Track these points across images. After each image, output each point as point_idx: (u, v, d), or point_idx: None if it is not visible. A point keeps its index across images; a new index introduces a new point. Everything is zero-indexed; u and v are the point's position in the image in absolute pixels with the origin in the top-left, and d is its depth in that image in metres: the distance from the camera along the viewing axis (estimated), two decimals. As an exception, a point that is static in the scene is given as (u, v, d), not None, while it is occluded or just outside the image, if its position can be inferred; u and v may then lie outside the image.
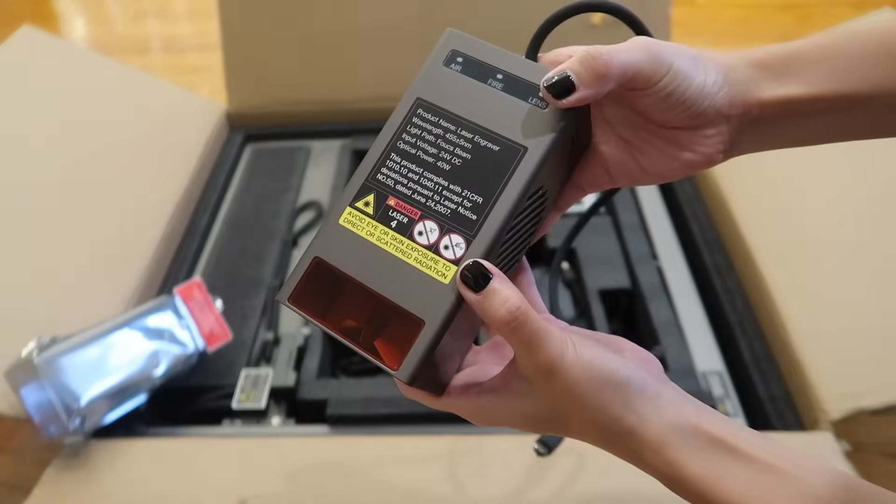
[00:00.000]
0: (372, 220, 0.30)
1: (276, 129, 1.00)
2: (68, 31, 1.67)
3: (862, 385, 0.55)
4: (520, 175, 0.29)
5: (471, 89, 0.31)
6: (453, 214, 0.29)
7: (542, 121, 0.30)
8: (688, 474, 0.27)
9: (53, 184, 0.74)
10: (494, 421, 0.30)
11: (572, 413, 0.28)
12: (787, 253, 0.68)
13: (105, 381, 0.55)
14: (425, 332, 0.28)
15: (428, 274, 0.28)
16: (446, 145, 0.30)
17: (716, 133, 0.31)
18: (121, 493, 0.53)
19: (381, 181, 0.31)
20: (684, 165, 0.31)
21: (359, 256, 0.30)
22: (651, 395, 0.28)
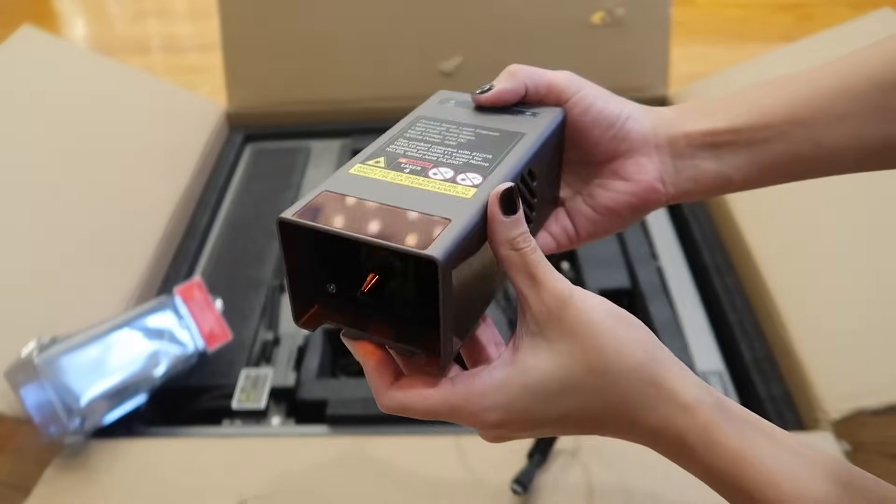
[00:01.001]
0: (384, 169, 0.30)
1: (276, 129, 1.00)
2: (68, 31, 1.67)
3: (862, 385, 0.55)
4: (522, 146, 0.32)
5: (467, 112, 0.35)
6: (465, 164, 0.30)
7: (534, 122, 0.34)
8: (724, 441, 0.26)
9: (53, 183, 0.74)
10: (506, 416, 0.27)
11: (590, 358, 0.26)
12: (787, 253, 0.68)
13: (105, 381, 0.55)
14: (452, 225, 0.26)
15: (448, 193, 0.28)
16: (450, 134, 0.33)
17: (648, 161, 0.34)
18: (121, 493, 0.53)
19: (391, 150, 0.31)
20: (629, 196, 0.34)
21: (373, 189, 0.28)
22: (670, 354, 0.27)
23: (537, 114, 0.34)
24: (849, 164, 0.33)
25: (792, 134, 0.32)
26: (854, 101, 0.31)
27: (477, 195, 0.28)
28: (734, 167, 0.33)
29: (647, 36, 0.92)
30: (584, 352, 0.26)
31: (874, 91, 0.31)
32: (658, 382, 0.26)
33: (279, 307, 0.73)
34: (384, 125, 0.33)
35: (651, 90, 0.95)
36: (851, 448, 0.54)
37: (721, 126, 0.33)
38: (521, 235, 0.27)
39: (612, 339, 0.26)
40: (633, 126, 0.34)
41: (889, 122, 0.31)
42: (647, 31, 0.92)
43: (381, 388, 0.29)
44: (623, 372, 0.26)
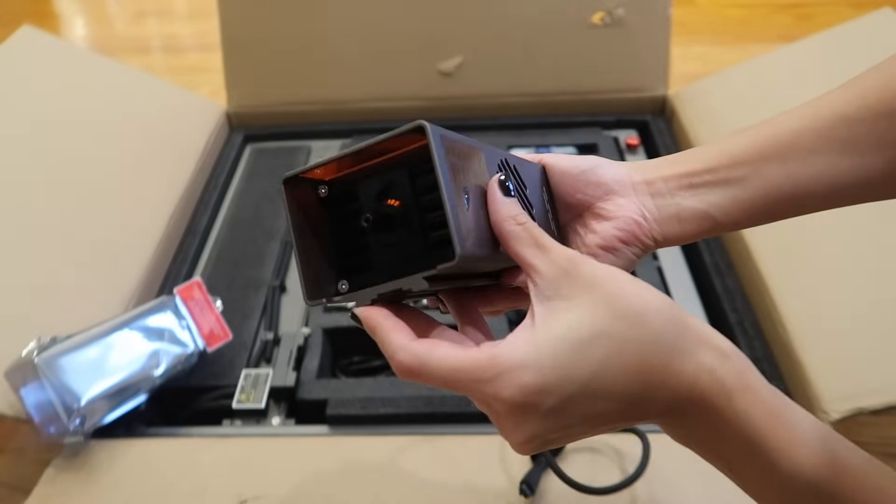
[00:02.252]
0: None
1: (276, 129, 1.00)
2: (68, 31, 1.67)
3: (862, 385, 0.55)
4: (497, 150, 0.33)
5: None
6: None
7: None
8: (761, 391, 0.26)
9: (53, 184, 0.74)
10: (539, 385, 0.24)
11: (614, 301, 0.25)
12: (787, 253, 0.68)
13: (105, 381, 0.55)
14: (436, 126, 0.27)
15: None
16: None
17: (627, 201, 0.35)
18: (121, 493, 0.53)
19: None
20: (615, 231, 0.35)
21: None
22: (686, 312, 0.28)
23: None
24: (829, 199, 0.34)
25: (766, 171, 0.33)
26: (823, 137, 0.32)
27: None
28: (715, 206, 0.34)
29: (647, 36, 0.92)
30: (606, 298, 0.25)
31: (841, 125, 0.32)
32: (688, 326, 0.26)
33: (279, 307, 0.73)
34: (384, 125, 0.33)
35: (651, 90, 0.95)
36: (851, 448, 0.54)
37: (696, 168, 0.34)
38: (522, 213, 0.28)
39: (630, 285, 0.26)
40: (604, 171, 0.36)
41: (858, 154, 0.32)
42: (647, 31, 0.92)
43: (398, 344, 0.27)
44: (650, 314, 0.25)
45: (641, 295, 0.26)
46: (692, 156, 0.35)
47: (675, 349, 0.25)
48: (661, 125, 0.94)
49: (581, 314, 0.25)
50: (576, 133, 0.92)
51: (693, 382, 0.25)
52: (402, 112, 0.97)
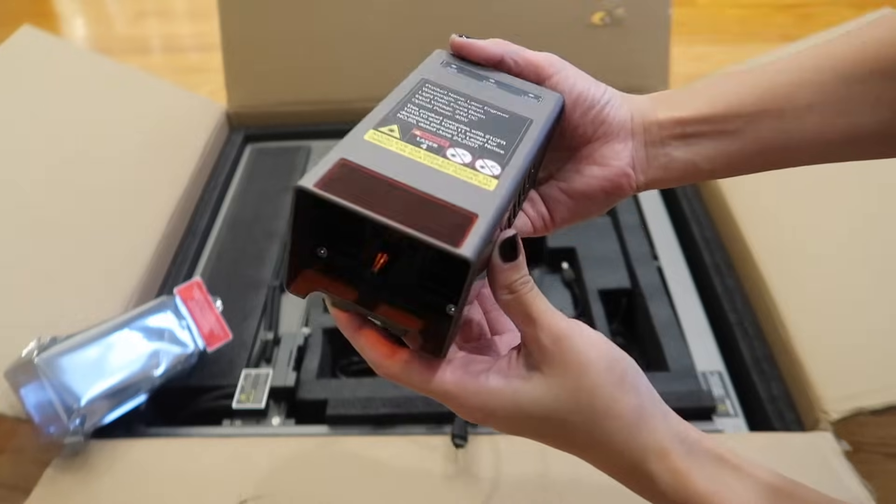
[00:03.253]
0: (400, 140, 0.28)
1: (276, 129, 1.00)
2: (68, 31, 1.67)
3: (862, 385, 0.55)
4: (531, 135, 0.31)
5: (471, 82, 0.34)
6: (481, 148, 0.29)
7: (538, 107, 0.33)
8: (693, 486, 0.27)
9: (53, 184, 0.74)
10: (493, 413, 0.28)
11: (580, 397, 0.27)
12: (787, 253, 0.68)
13: (105, 381, 0.55)
14: (480, 223, 0.25)
15: (470, 182, 0.27)
16: (461, 108, 0.32)
17: (623, 148, 0.34)
18: (121, 493, 0.53)
19: (402, 118, 0.30)
20: (601, 181, 0.34)
21: (392, 163, 0.27)
22: (655, 398, 0.28)
23: (540, 98, 0.34)
24: (817, 155, 0.33)
25: (760, 124, 0.33)
26: (819, 94, 0.32)
27: (499, 189, 0.27)
28: (703, 156, 0.34)
29: (647, 36, 0.92)
30: (576, 391, 0.27)
31: (839, 83, 0.31)
32: (640, 425, 0.28)
33: (279, 307, 0.73)
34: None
35: (651, 90, 0.94)
36: (851, 448, 0.54)
37: (691, 115, 0.34)
38: (520, 279, 0.28)
39: (603, 380, 0.27)
40: (612, 111, 0.34)
41: (853, 114, 0.31)
42: (647, 31, 0.92)
43: (377, 360, 0.30)
44: (609, 418, 0.27)
45: (611, 397, 0.27)
46: (689, 98, 0.34)
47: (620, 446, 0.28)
48: (661, 125, 0.94)
49: (551, 396, 0.28)
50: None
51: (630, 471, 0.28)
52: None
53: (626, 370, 0.28)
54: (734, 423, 0.60)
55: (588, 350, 0.27)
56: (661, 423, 0.27)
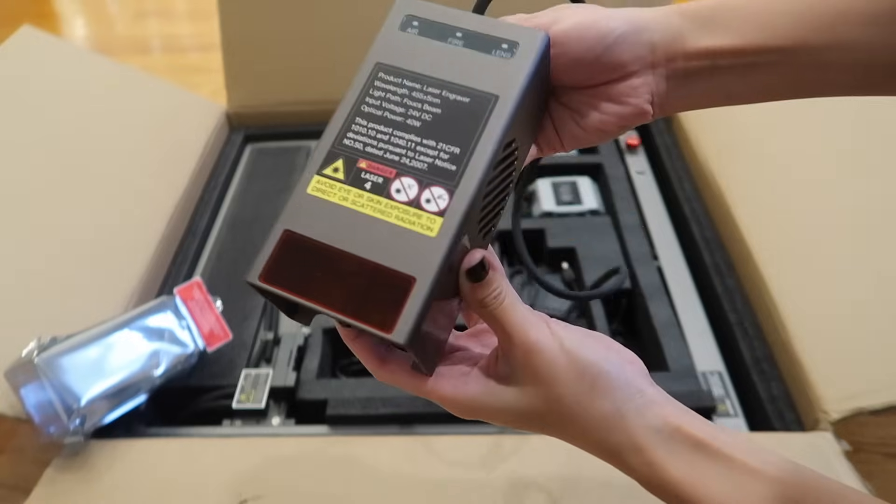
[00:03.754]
0: (344, 184, 0.28)
1: (276, 129, 1.00)
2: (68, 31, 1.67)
3: (862, 385, 0.55)
4: (495, 122, 0.28)
5: (431, 48, 0.30)
6: (431, 167, 0.28)
7: (510, 70, 0.29)
8: (668, 477, 0.27)
9: (53, 184, 0.74)
10: (479, 414, 0.30)
11: (551, 405, 0.28)
12: (787, 253, 0.68)
13: (105, 381, 0.55)
14: (418, 289, 0.26)
15: (412, 230, 0.27)
16: (414, 103, 0.29)
17: (641, 84, 0.31)
18: (121, 493, 0.53)
19: (348, 146, 0.29)
20: (618, 119, 0.32)
21: (334, 223, 0.27)
22: (633, 393, 0.28)
23: (514, 50, 0.30)
24: (853, 89, 0.30)
25: (798, 58, 0.29)
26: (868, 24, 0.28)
27: (444, 231, 0.26)
28: (730, 88, 0.31)
29: None
30: (547, 399, 0.28)
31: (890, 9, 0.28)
32: (614, 428, 0.28)
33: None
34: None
35: None
36: (851, 448, 0.54)
37: (726, 44, 0.30)
38: (490, 295, 0.28)
39: (572, 391, 0.28)
40: (624, 49, 0.30)
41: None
42: None
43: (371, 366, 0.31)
44: (582, 422, 0.28)
45: (581, 404, 0.28)
46: (721, 22, 0.30)
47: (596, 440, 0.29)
48: (661, 125, 0.94)
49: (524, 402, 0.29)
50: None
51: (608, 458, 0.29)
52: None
53: (599, 375, 0.28)
54: (734, 423, 0.60)
55: (556, 362, 0.28)
56: (635, 420, 0.28)
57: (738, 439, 0.28)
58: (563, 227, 0.78)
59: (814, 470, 0.27)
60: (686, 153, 0.88)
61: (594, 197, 0.83)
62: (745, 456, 0.27)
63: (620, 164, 0.88)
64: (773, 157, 0.78)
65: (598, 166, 0.87)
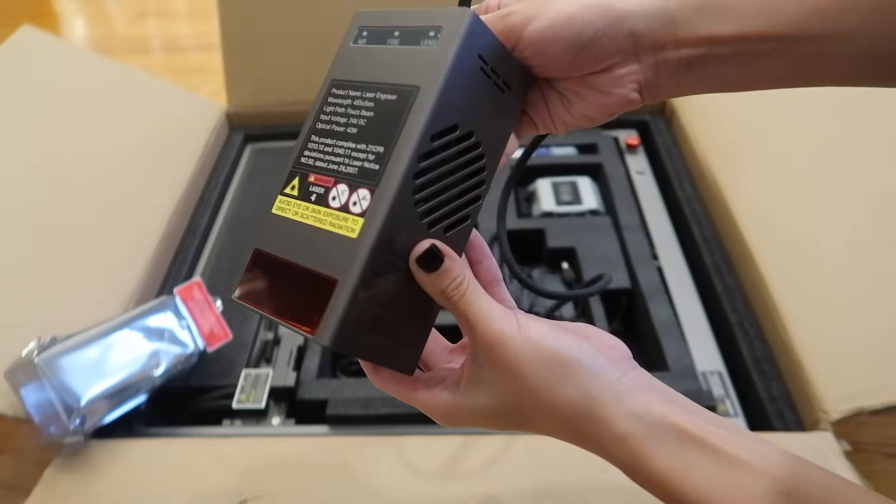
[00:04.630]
0: (297, 200, 0.31)
1: (276, 129, 1.00)
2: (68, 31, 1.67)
3: (862, 385, 0.55)
4: (416, 114, 0.28)
5: (372, 54, 0.31)
6: (360, 171, 0.29)
7: (432, 57, 0.29)
8: (653, 467, 0.26)
9: (53, 184, 0.74)
10: (458, 420, 0.30)
11: (523, 397, 0.28)
12: (787, 253, 0.68)
13: (105, 381, 0.55)
14: (340, 290, 0.27)
15: (339, 233, 0.28)
16: (354, 111, 0.30)
17: (626, 73, 0.30)
18: (121, 493, 0.53)
19: (303, 163, 0.31)
20: (604, 108, 0.32)
21: (287, 237, 0.30)
22: (610, 380, 0.28)
23: (438, 33, 0.29)
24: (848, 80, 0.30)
25: (798, 47, 0.28)
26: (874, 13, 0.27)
27: (364, 229, 0.27)
28: (722, 77, 0.30)
29: None
30: (518, 392, 0.28)
31: None
32: (591, 416, 0.27)
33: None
34: None
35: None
36: (851, 448, 0.54)
37: (723, 31, 0.28)
38: (451, 283, 0.28)
39: (542, 381, 0.27)
40: (604, 43, 0.29)
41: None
42: None
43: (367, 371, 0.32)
44: (556, 409, 0.28)
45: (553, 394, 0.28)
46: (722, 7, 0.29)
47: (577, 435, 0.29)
48: (661, 125, 0.94)
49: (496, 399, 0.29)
50: (576, 133, 0.92)
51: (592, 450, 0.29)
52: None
53: (569, 364, 0.27)
54: (734, 423, 0.60)
55: (522, 353, 0.27)
56: (614, 409, 0.27)
57: (728, 429, 0.27)
58: (563, 227, 0.78)
59: (810, 462, 0.26)
60: (686, 153, 0.88)
61: (594, 197, 0.83)
62: (735, 448, 0.26)
63: (620, 164, 0.88)
64: (773, 157, 0.78)
65: (598, 166, 0.87)
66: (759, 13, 0.28)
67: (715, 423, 0.27)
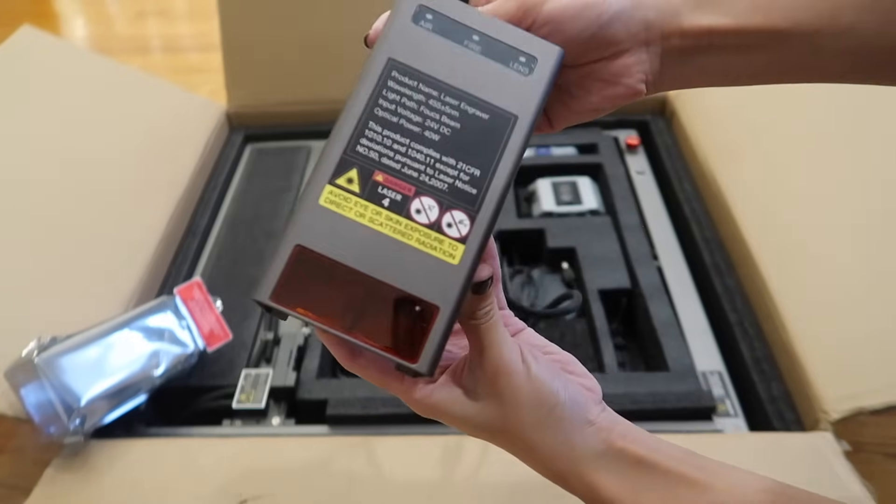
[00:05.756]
0: (360, 198, 0.26)
1: (276, 129, 1.00)
2: (68, 31, 1.67)
3: (862, 385, 0.55)
4: (513, 145, 0.28)
5: (447, 50, 0.29)
6: (451, 189, 0.27)
7: (527, 87, 0.29)
8: (607, 494, 0.28)
9: (53, 184, 0.74)
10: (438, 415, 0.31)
11: (508, 425, 0.30)
12: (787, 253, 0.68)
13: (105, 381, 0.55)
14: (441, 318, 0.26)
15: (434, 255, 0.26)
16: (431, 112, 0.28)
17: (634, 62, 0.30)
18: (121, 493, 0.53)
19: (362, 154, 0.27)
20: (610, 99, 0.31)
21: (351, 241, 0.26)
22: (582, 423, 0.30)
23: (533, 67, 0.29)
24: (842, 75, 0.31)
25: (794, 41, 0.29)
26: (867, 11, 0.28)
27: (464, 259, 0.26)
28: (722, 70, 0.31)
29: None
30: (505, 418, 0.30)
31: None
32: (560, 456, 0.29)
33: (279, 307, 0.72)
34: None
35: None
36: (851, 448, 0.54)
37: (723, 24, 0.29)
38: (483, 309, 0.28)
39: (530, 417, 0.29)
40: (618, 27, 0.29)
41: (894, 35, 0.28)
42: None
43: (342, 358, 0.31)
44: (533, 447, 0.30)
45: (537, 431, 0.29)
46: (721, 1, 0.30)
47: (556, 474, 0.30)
48: (660, 125, 0.94)
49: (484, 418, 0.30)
50: (576, 133, 0.92)
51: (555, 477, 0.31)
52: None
53: (555, 407, 0.29)
54: (734, 423, 0.60)
55: (520, 389, 0.29)
56: (580, 448, 0.29)
57: (681, 452, 0.29)
58: (563, 228, 0.78)
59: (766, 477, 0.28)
60: (686, 153, 0.88)
61: (594, 197, 0.83)
62: (686, 468, 0.28)
63: (620, 164, 0.88)
64: (773, 157, 0.78)
65: (598, 166, 0.87)
66: (755, 8, 0.29)
67: (672, 448, 0.29)
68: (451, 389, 0.30)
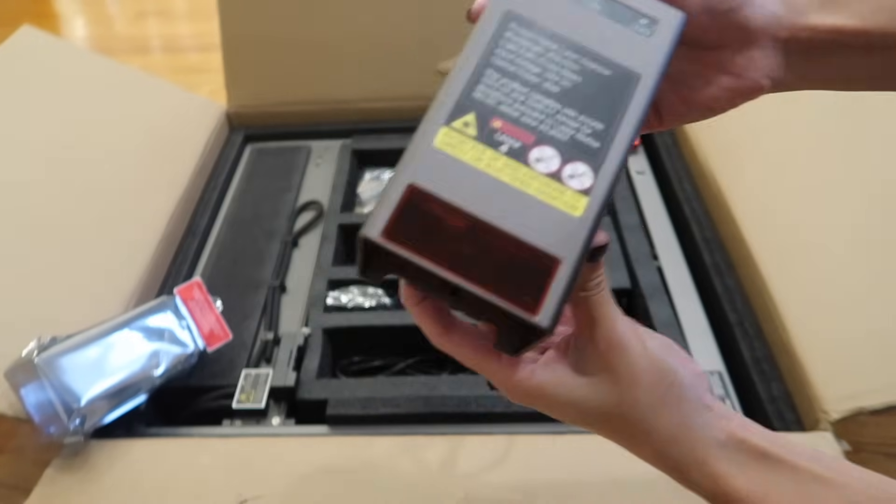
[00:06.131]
0: (476, 141, 0.25)
1: (276, 129, 1.00)
2: (68, 31, 1.67)
3: (862, 385, 0.55)
4: (637, 103, 0.27)
5: (565, 7, 0.28)
6: (572, 141, 0.26)
7: (650, 48, 0.27)
8: (733, 489, 0.27)
9: (53, 184, 0.74)
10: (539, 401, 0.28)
11: (623, 407, 0.27)
12: (787, 253, 0.68)
13: (105, 381, 0.55)
14: (562, 271, 0.24)
15: (555, 206, 0.25)
16: (550, 65, 0.27)
17: (762, 56, 0.29)
18: (121, 493, 0.53)
19: (479, 100, 0.26)
20: (731, 94, 0.30)
21: (466, 185, 0.25)
22: (700, 407, 0.28)
23: (654, 28, 0.28)
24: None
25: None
26: None
27: (588, 212, 0.25)
28: (846, 71, 0.30)
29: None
30: (619, 401, 0.27)
31: None
32: (679, 440, 0.27)
33: (279, 307, 0.72)
34: (384, 125, 0.31)
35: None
36: (851, 448, 0.54)
37: (850, 25, 0.28)
38: (594, 280, 0.27)
39: (648, 395, 0.27)
40: (752, 12, 0.28)
41: None
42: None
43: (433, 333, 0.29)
44: (649, 431, 0.28)
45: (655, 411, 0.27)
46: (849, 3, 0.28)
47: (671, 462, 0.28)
48: (661, 125, 0.94)
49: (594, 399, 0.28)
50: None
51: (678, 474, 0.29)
52: (402, 112, 0.96)
53: (673, 385, 0.28)
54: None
55: (637, 364, 0.27)
56: (700, 434, 0.27)
57: (803, 447, 0.27)
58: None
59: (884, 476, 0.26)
60: (686, 153, 0.88)
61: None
62: (812, 463, 0.26)
63: (620, 164, 0.87)
64: (773, 157, 0.78)
65: (598, 166, 0.87)
66: (881, 9, 0.28)
67: (792, 443, 0.28)
68: (555, 368, 0.28)
